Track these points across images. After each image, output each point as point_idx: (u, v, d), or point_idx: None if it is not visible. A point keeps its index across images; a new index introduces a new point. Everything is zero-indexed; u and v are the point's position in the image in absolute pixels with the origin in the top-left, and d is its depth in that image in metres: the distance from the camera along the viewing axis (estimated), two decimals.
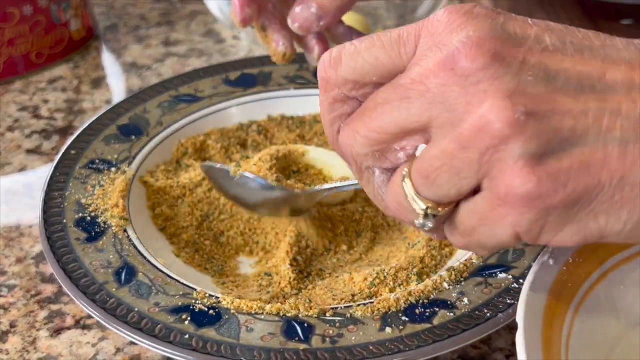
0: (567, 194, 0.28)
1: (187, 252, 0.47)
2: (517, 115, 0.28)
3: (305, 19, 0.48)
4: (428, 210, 0.31)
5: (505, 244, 0.31)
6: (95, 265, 0.42)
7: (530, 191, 0.28)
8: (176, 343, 0.37)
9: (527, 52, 0.29)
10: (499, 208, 0.29)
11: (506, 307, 0.38)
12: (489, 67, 0.28)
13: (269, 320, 0.38)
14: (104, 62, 0.75)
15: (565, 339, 0.34)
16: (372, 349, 0.36)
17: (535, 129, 0.28)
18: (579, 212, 0.29)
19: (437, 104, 0.30)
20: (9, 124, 0.65)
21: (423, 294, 0.40)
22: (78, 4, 0.74)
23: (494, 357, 0.41)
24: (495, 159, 0.28)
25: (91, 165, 0.50)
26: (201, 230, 0.48)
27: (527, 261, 0.41)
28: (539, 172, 0.28)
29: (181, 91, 0.57)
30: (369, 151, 0.32)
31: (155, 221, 0.48)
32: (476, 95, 0.29)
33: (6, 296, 0.46)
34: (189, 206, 0.49)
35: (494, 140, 0.28)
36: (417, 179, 0.31)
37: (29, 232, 0.52)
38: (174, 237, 0.48)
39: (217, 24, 0.81)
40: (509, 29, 0.30)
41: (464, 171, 0.29)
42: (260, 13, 0.51)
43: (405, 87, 0.31)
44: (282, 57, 0.51)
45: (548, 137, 0.28)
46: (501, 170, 0.28)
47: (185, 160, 0.53)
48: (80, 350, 0.42)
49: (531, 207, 0.28)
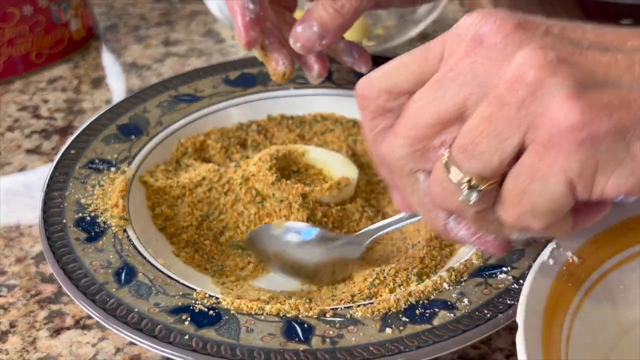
0: (613, 124, 0.28)
1: (187, 252, 0.47)
2: (549, 59, 0.28)
3: (307, 38, 0.48)
4: (472, 181, 0.30)
5: (559, 201, 0.29)
6: (95, 265, 0.42)
7: (575, 122, 0.27)
8: (176, 343, 0.37)
9: (549, 26, 0.30)
10: (547, 156, 0.28)
11: (506, 307, 0.38)
12: (515, 33, 0.29)
13: (269, 321, 0.38)
14: (104, 62, 0.75)
15: (565, 339, 0.34)
16: (372, 349, 0.36)
17: (569, 70, 0.28)
18: (629, 148, 0.28)
19: (470, 83, 0.30)
20: (9, 124, 0.65)
21: (423, 294, 0.40)
22: (78, 4, 0.74)
23: (494, 357, 0.41)
24: (535, 107, 0.28)
25: (91, 165, 0.50)
26: (201, 230, 0.48)
27: (527, 262, 0.41)
28: (581, 102, 0.28)
29: (181, 91, 0.57)
30: (409, 151, 0.32)
31: (155, 221, 0.48)
32: (505, 58, 0.29)
33: (6, 296, 0.46)
34: (189, 206, 0.49)
35: (530, 88, 0.28)
36: (458, 156, 0.30)
37: (29, 232, 0.52)
38: (174, 237, 0.48)
39: (217, 24, 0.81)
40: (527, 16, 0.31)
41: (505, 131, 0.29)
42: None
43: (438, 81, 0.31)
44: (282, 77, 0.52)
45: (583, 76, 0.28)
46: (542, 113, 0.28)
47: (185, 160, 0.53)
48: (80, 350, 0.42)
49: (579, 144, 0.28)
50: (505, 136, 0.29)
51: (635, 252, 0.38)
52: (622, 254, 0.38)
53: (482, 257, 0.42)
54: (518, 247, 0.42)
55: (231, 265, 0.47)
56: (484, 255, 0.42)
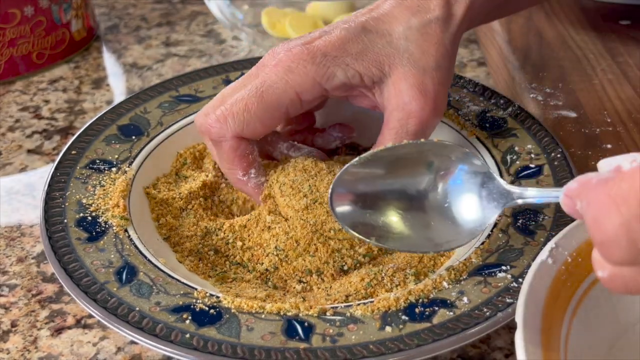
0: None
1: (191, 260, 0.46)
2: None
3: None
4: None
5: None
6: (96, 265, 0.42)
7: None
8: (177, 342, 0.37)
9: None
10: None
11: (505, 306, 0.38)
12: None
13: (270, 320, 0.39)
14: (104, 62, 0.76)
15: (565, 338, 0.34)
16: (372, 348, 0.36)
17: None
18: None
19: None
20: (10, 124, 0.65)
21: (423, 293, 0.40)
22: (79, 5, 0.74)
23: (493, 356, 0.41)
24: None
25: (92, 166, 0.50)
26: (205, 241, 0.48)
27: (527, 261, 0.41)
28: None
29: (182, 91, 0.58)
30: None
31: (159, 231, 0.48)
32: None
33: (7, 296, 0.46)
34: (194, 217, 0.49)
35: None
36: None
37: (30, 232, 0.52)
38: (177, 246, 0.47)
39: (217, 25, 0.81)
40: None
41: None
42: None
43: None
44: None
45: None
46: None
47: (184, 172, 0.53)
48: (81, 349, 0.42)
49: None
50: None
51: None
52: None
53: (482, 256, 0.42)
54: (517, 246, 0.42)
55: (237, 272, 0.46)
56: (484, 254, 0.42)
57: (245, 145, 0.47)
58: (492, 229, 0.44)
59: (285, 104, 0.46)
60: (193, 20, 0.83)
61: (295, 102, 0.46)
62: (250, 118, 0.46)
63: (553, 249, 0.37)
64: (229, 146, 0.47)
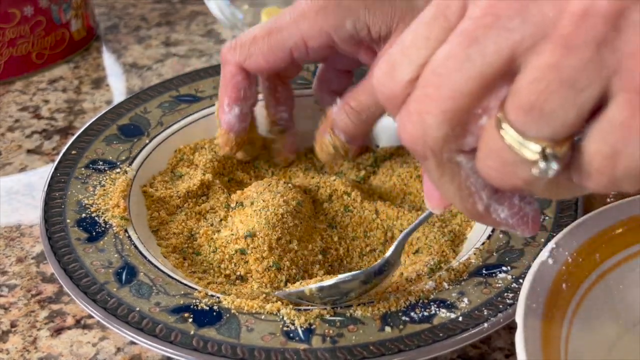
0: None
1: (175, 257, 0.46)
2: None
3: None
4: (546, 150, 0.24)
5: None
6: (96, 265, 0.42)
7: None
8: (177, 343, 0.37)
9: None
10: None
11: (506, 307, 0.38)
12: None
13: (270, 320, 0.39)
14: (104, 62, 0.75)
15: (565, 338, 0.34)
16: (372, 348, 0.36)
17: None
18: None
19: (517, 26, 0.24)
20: (9, 124, 0.65)
21: (423, 293, 0.40)
22: (79, 5, 0.74)
23: (493, 357, 0.41)
24: (619, 43, 0.22)
25: (92, 166, 0.50)
26: (190, 242, 0.47)
27: (527, 261, 0.41)
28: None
29: (182, 91, 0.58)
30: (448, 129, 0.26)
31: (150, 223, 0.48)
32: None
33: (7, 296, 0.46)
34: (185, 215, 0.49)
35: (609, 19, 0.22)
36: (519, 118, 0.24)
37: (30, 232, 0.52)
38: (163, 240, 0.47)
39: (217, 25, 0.81)
40: None
41: (581, 79, 0.23)
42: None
43: (468, 33, 0.25)
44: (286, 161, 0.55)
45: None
46: (632, 53, 0.22)
47: (179, 169, 0.52)
48: (81, 350, 0.42)
49: None
50: (582, 85, 0.23)
51: (634, 252, 0.38)
52: (621, 253, 0.38)
53: (482, 257, 0.42)
54: (517, 246, 0.42)
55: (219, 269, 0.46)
56: (484, 255, 0.42)
57: (243, 77, 0.49)
58: (492, 230, 0.44)
59: (289, 46, 0.47)
60: (193, 20, 0.83)
61: (301, 47, 0.47)
62: (254, 51, 0.48)
63: (553, 249, 0.37)
64: (227, 70, 0.49)
